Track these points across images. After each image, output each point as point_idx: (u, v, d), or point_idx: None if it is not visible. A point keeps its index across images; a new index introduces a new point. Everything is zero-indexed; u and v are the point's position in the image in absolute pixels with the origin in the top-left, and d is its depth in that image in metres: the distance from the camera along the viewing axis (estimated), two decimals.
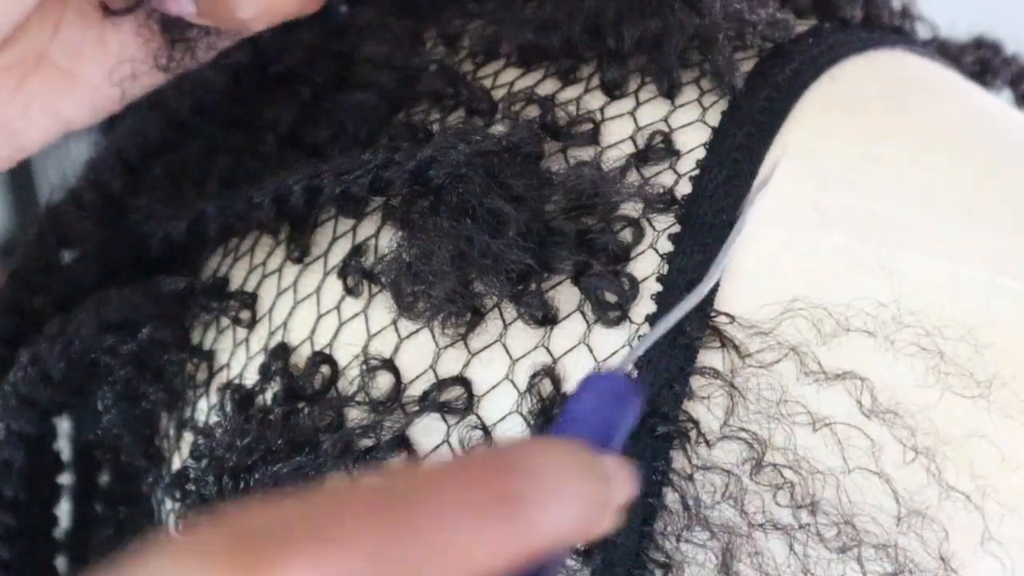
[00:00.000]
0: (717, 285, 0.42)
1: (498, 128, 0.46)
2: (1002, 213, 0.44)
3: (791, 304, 0.42)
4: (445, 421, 0.43)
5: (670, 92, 0.45)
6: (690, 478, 0.41)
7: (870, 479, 0.41)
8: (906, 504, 0.41)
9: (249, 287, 0.48)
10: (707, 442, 0.41)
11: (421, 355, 0.44)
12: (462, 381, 0.43)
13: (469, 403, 0.43)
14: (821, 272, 0.42)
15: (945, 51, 0.55)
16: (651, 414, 0.41)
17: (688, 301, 0.40)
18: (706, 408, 0.41)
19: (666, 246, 0.42)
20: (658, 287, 0.42)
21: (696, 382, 0.41)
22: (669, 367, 0.41)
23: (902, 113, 0.46)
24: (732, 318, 0.42)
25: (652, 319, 0.42)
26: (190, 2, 0.45)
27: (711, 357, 0.41)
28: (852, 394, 0.41)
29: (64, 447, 0.54)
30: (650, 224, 0.43)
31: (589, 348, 0.42)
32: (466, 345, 0.43)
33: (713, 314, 0.42)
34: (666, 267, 0.42)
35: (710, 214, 0.43)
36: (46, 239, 0.53)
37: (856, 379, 0.41)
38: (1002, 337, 0.42)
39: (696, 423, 0.41)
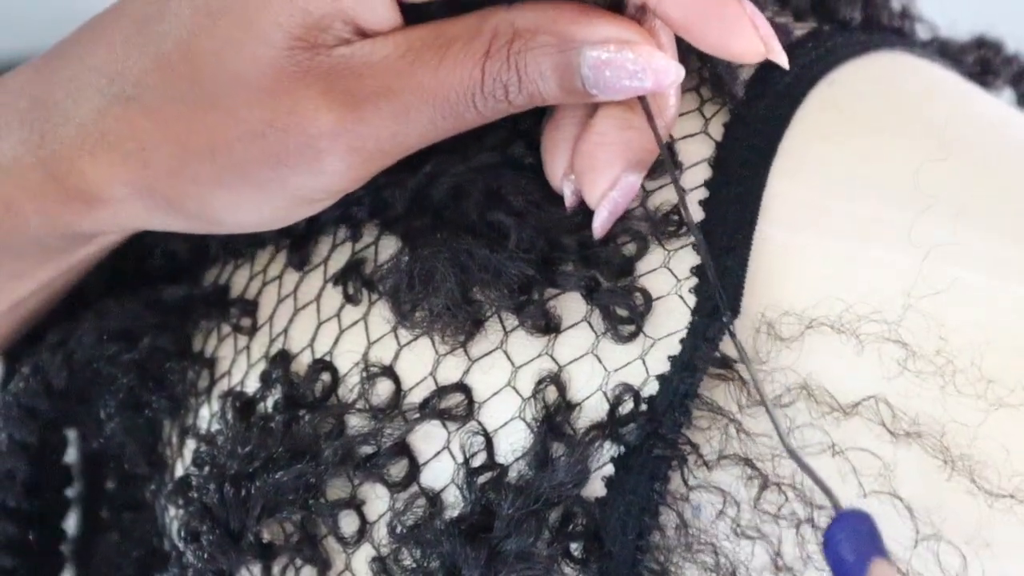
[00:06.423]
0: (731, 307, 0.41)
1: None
2: (1002, 216, 0.44)
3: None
4: (445, 428, 0.43)
5: None
6: (685, 498, 0.41)
7: (883, 500, 0.40)
8: (922, 524, 0.40)
9: (250, 294, 0.48)
10: (707, 464, 0.41)
11: (421, 362, 0.44)
12: (462, 388, 0.43)
13: (469, 410, 0.43)
14: (814, 275, 0.42)
15: (945, 51, 0.54)
16: (652, 436, 0.41)
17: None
18: (706, 438, 0.41)
19: (682, 270, 0.42)
20: (683, 310, 0.42)
21: (699, 411, 0.41)
22: (675, 392, 0.41)
23: (899, 116, 0.46)
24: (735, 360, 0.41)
25: (684, 341, 0.41)
26: None
27: (717, 391, 0.41)
28: (873, 418, 0.40)
29: (72, 456, 0.54)
30: (657, 240, 0.43)
31: (598, 358, 0.42)
32: (466, 352, 0.43)
33: (718, 353, 0.41)
34: (692, 297, 0.42)
35: (725, 238, 0.42)
36: None
37: (871, 400, 0.41)
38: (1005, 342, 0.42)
39: (696, 447, 0.41)
